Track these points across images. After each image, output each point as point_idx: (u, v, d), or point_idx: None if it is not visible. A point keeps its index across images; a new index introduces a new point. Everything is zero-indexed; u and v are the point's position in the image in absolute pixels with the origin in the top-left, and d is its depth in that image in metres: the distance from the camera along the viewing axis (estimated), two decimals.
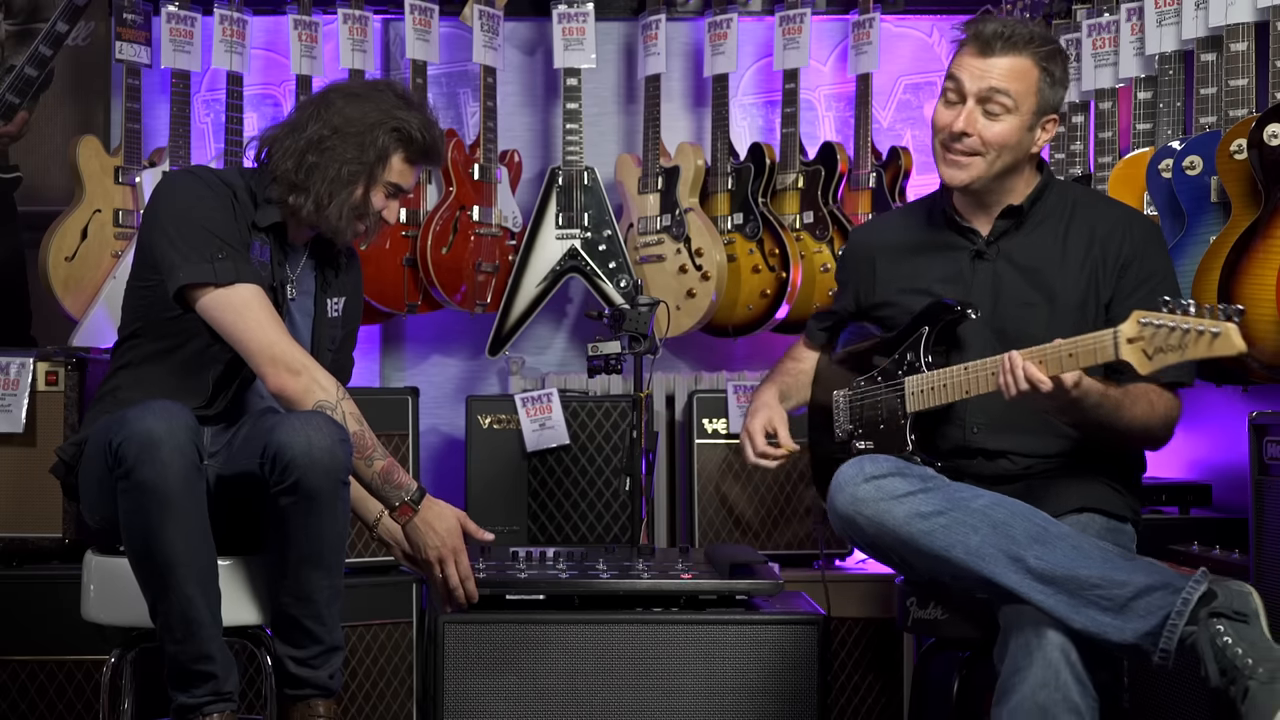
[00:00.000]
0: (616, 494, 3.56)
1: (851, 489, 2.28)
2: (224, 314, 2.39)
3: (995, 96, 2.41)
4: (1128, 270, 2.44)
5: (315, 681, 2.44)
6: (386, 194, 2.54)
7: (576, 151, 3.92)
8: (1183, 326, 2.07)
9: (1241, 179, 2.65)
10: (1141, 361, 2.12)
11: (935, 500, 2.23)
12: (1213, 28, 2.87)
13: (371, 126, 2.48)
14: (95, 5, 3.76)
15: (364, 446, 2.40)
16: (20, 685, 3.12)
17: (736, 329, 3.91)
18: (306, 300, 2.61)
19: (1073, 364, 2.20)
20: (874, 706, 3.41)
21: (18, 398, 3.16)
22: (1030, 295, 2.47)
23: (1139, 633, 2.09)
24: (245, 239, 2.46)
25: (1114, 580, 2.11)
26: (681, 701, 2.65)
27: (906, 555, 2.27)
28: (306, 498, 2.28)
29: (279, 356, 2.37)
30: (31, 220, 3.74)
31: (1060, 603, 2.12)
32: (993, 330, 2.46)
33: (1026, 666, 2.12)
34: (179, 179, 2.51)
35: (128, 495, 2.21)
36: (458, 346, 4.13)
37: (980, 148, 2.43)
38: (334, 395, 2.39)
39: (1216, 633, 2.04)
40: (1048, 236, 2.49)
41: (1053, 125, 2.47)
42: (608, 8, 4.05)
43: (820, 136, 4.08)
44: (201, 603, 2.25)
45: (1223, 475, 3.21)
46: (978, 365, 2.34)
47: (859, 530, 2.29)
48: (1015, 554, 2.16)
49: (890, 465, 2.30)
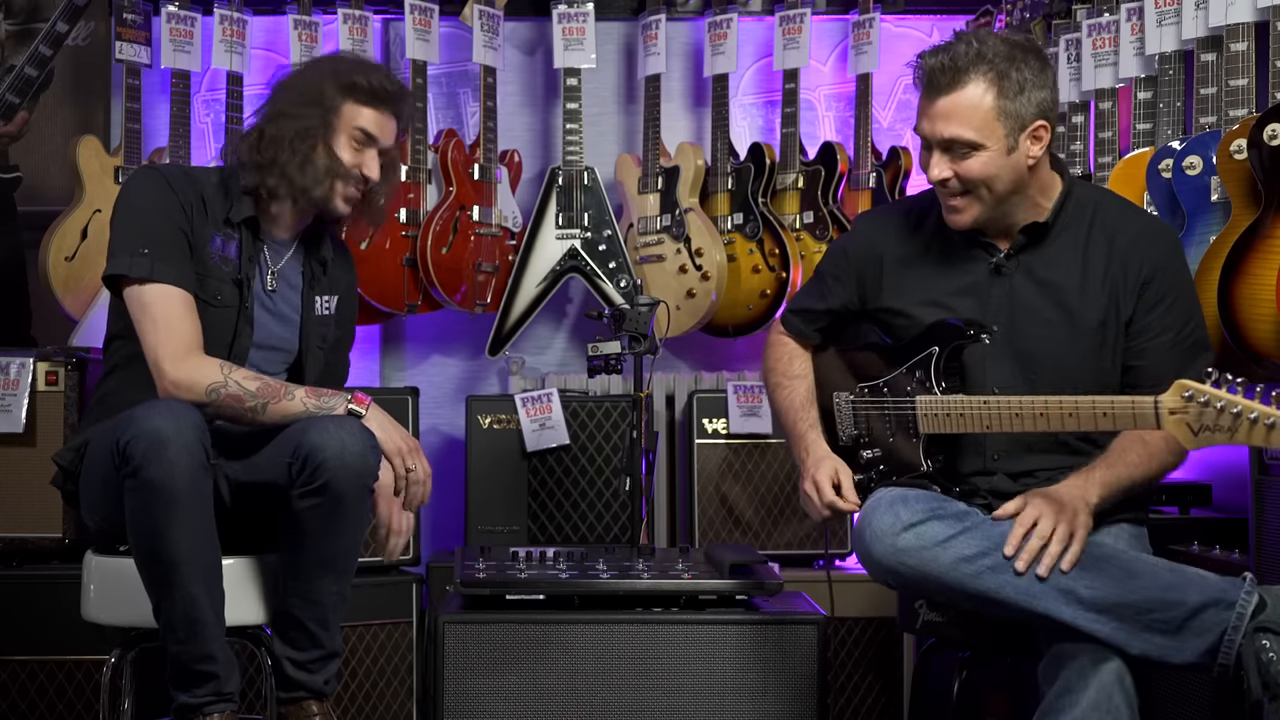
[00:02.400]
0: (616, 494, 3.56)
1: (891, 539, 2.20)
2: (133, 309, 2.42)
3: (954, 143, 2.28)
4: (1148, 287, 2.34)
5: (310, 685, 2.44)
6: (355, 144, 2.52)
7: (576, 151, 3.92)
8: (1233, 409, 1.97)
9: (1241, 179, 2.65)
10: (1187, 437, 2.04)
11: (977, 541, 2.18)
12: (1213, 28, 2.87)
13: (316, 84, 2.52)
14: (95, 5, 3.76)
15: (275, 390, 2.38)
16: (20, 685, 3.12)
17: (736, 329, 3.91)
18: (293, 295, 2.60)
19: (1109, 424, 2.13)
20: (874, 706, 3.41)
21: (18, 398, 3.16)
22: (1049, 313, 2.37)
23: (1198, 651, 2.07)
24: (200, 235, 2.46)
25: (1167, 601, 2.08)
26: (681, 701, 2.65)
27: (953, 598, 2.22)
28: (333, 501, 2.29)
29: (162, 356, 2.36)
30: (31, 220, 3.74)
31: (1117, 630, 2.10)
32: (1011, 349, 2.38)
33: (1080, 690, 2.09)
34: (138, 175, 2.53)
35: (134, 494, 2.21)
36: (458, 346, 4.13)
37: (966, 186, 2.32)
38: (220, 374, 2.37)
39: (1262, 648, 2.03)
40: (1068, 249, 2.39)
41: (1044, 131, 2.30)
42: (608, 8, 4.05)
43: (820, 136, 4.08)
44: (205, 602, 2.25)
45: (1223, 475, 3.21)
46: (998, 403, 2.26)
47: (900, 579, 2.23)
48: (1065, 586, 2.12)
49: (924, 508, 2.22)
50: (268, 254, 2.56)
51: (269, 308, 2.55)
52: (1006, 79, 2.26)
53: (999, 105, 2.26)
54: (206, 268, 2.46)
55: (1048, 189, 2.40)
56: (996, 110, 2.26)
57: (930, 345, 2.40)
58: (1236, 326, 2.57)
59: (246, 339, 2.50)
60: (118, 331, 2.52)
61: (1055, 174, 2.41)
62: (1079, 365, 2.36)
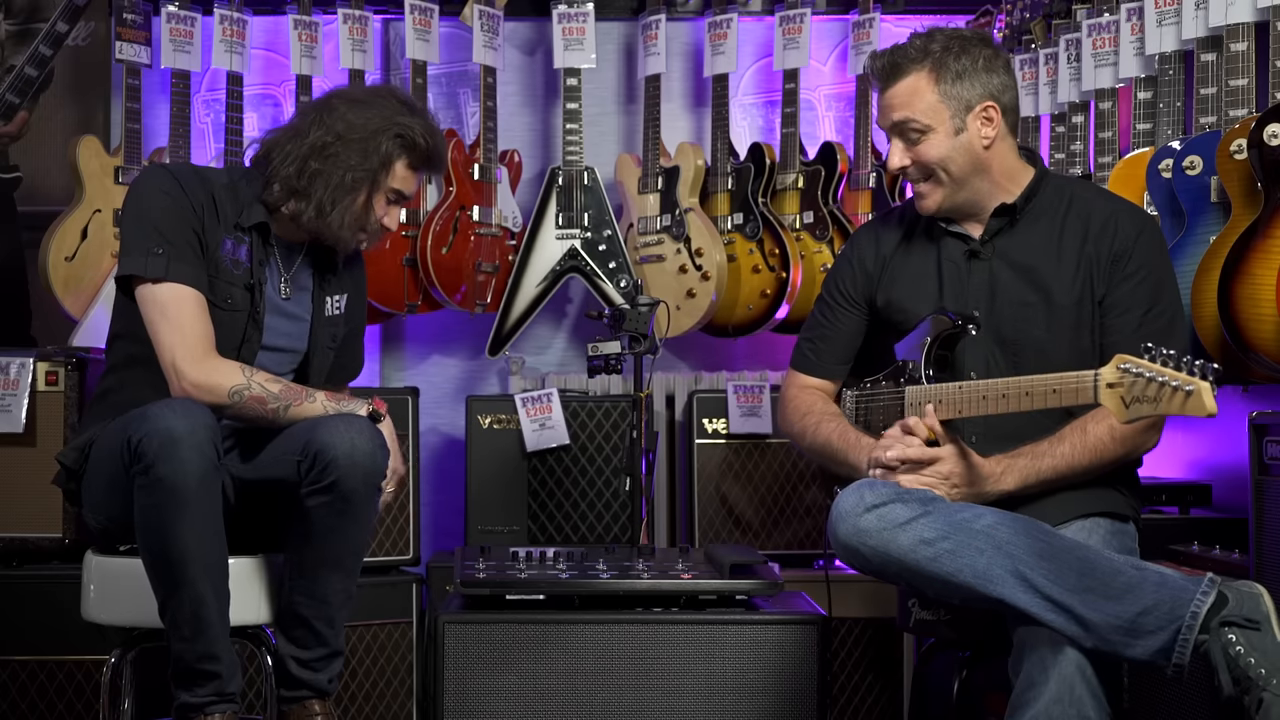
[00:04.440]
0: (616, 494, 3.56)
1: (853, 520, 2.23)
2: (147, 309, 2.40)
3: (904, 126, 2.45)
4: (1118, 262, 2.42)
5: (313, 684, 2.44)
6: (389, 200, 2.54)
7: (576, 151, 3.92)
8: (1159, 379, 2.00)
9: (1241, 179, 2.65)
10: (1119, 409, 2.08)
11: (938, 525, 2.20)
12: (1213, 28, 2.87)
13: (375, 133, 2.47)
14: (95, 5, 3.76)
15: (296, 393, 2.39)
16: (20, 685, 3.12)
17: (736, 329, 3.91)
18: (304, 297, 2.60)
19: (1056, 400, 2.19)
20: (874, 706, 3.41)
21: (18, 398, 3.16)
22: (1027, 294, 2.45)
23: (1151, 649, 2.08)
24: (213, 237, 2.45)
25: (1122, 597, 2.09)
26: (681, 701, 2.65)
27: (914, 581, 2.24)
28: (342, 499, 2.29)
29: (181, 358, 2.36)
30: (31, 220, 3.74)
31: (1071, 622, 2.10)
32: (990, 331, 2.46)
33: (1042, 682, 2.11)
34: (149, 174, 2.51)
35: (145, 491, 2.21)
36: (458, 346, 4.13)
37: (925, 171, 2.46)
38: (243, 376, 2.37)
39: (1228, 642, 2.03)
40: (1043, 233, 2.48)
41: (993, 111, 2.43)
42: (608, 8, 4.05)
43: (820, 136, 4.08)
44: (212, 602, 2.26)
45: (1223, 475, 3.21)
46: (972, 387, 2.33)
47: (863, 559, 2.25)
48: (1022, 574, 2.14)
49: (889, 491, 2.25)
50: (280, 259, 2.56)
51: (282, 312, 2.55)
52: (944, 67, 2.43)
53: (939, 90, 2.43)
54: (218, 270, 2.46)
55: (1015, 176, 2.51)
56: (938, 94, 2.44)
57: (923, 337, 2.47)
58: (1236, 326, 2.57)
59: (255, 343, 2.50)
60: (120, 330, 2.52)
61: (1027, 165, 2.52)
62: (1058, 346, 2.43)
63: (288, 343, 2.57)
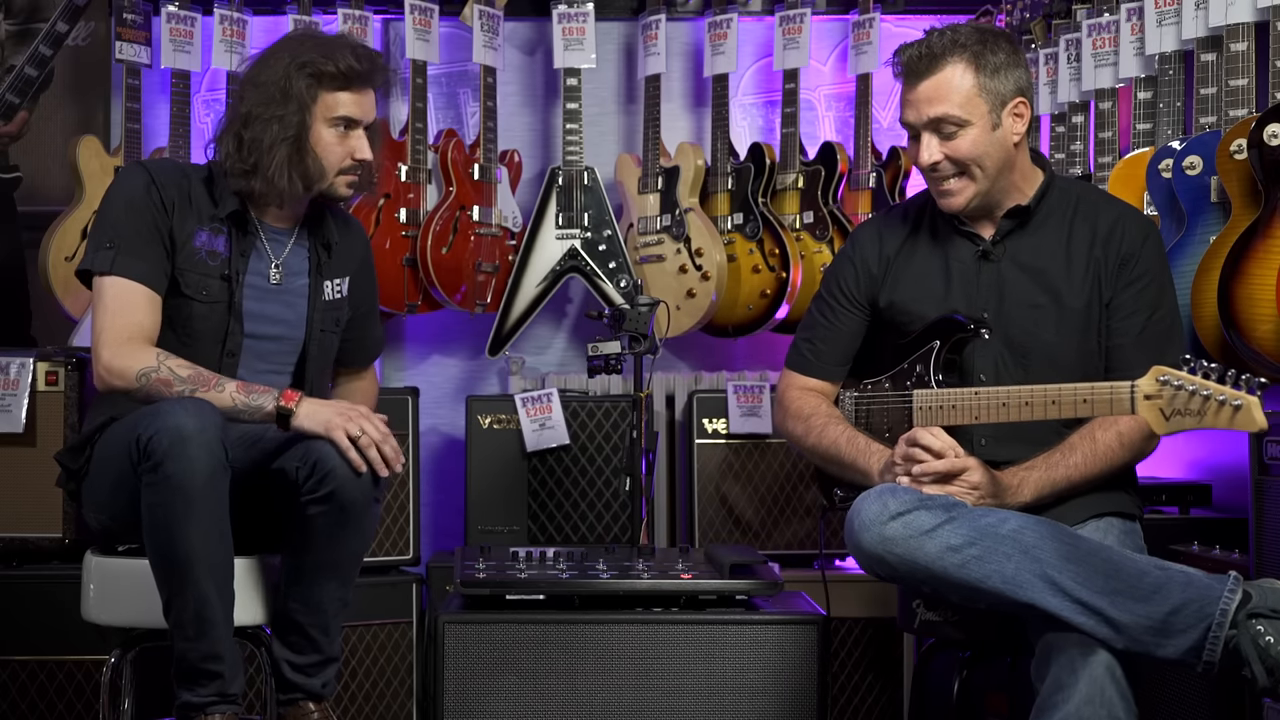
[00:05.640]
0: (616, 494, 3.56)
1: (878, 529, 2.21)
2: (93, 301, 2.45)
3: (942, 121, 2.38)
4: (1125, 266, 2.42)
5: (307, 688, 2.44)
6: (339, 132, 2.49)
7: (576, 151, 3.92)
8: (1203, 392, 2.01)
9: (1241, 179, 2.65)
10: (1159, 421, 2.08)
11: (964, 531, 2.18)
12: (1213, 28, 2.87)
13: (282, 78, 2.45)
14: (95, 5, 3.76)
15: (205, 379, 2.36)
16: (20, 685, 3.12)
17: (736, 329, 3.91)
18: (299, 283, 2.58)
19: (1088, 410, 2.19)
20: (874, 706, 3.41)
21: (18, 398, 3.16)
22: (1036, 297, 2.44)
23: (1182, 649, 2.08)
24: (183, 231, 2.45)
25: (1152, 598, 2.09)
26: (681, 701, 2.65)
27: (940, 588, 2.23)
28: (339, 509, 2.29)
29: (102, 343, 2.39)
30: (31, 220, 3.74)
31: (1100, 624, 2.10)
32: (1000, 333, 2.44)
33: (1071, 684, 2.10)
34: (123, 172, 2.55)
35: (153, 489, 2.21)
36: (458, 346, 4.13)
37: (959, 167, 2.40)
38: (154, 360, 2.36)
39: (1258, 634, 2.04)
40: (1052, 236, 2.47)
41: (1024, 108, 2.41)
42: (608, 8, 4.05)
43: (820, 136, 4.08)
44: (216, 602, 2.26)
45: (1223, 475, 3.21)
46: (988, 393, 2.32)
47: (889, 568, 2.23)
48: (1050, 577, 2.13)
49: (912, 498, 2.23)
50: (269, 246, 2.54)
51: (275, 299, 2.54)
52: (983, 59, 2.38)
53: (979, 82, 2.38)
54: (191, 263, 2.46)
55: (1029, 177, 2.49)
56: (977, 86, 2.38)
57: (931, 340, 2.45)
58: (1236, 326, 2.57)
59: (238, 334, 2.49)
60: None
61: (1036, 167, 2.50)
62: (1066, 349, 2.43)
63: (284, 330, 2.56)
